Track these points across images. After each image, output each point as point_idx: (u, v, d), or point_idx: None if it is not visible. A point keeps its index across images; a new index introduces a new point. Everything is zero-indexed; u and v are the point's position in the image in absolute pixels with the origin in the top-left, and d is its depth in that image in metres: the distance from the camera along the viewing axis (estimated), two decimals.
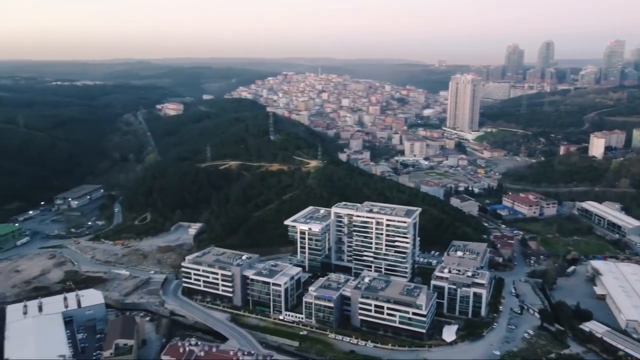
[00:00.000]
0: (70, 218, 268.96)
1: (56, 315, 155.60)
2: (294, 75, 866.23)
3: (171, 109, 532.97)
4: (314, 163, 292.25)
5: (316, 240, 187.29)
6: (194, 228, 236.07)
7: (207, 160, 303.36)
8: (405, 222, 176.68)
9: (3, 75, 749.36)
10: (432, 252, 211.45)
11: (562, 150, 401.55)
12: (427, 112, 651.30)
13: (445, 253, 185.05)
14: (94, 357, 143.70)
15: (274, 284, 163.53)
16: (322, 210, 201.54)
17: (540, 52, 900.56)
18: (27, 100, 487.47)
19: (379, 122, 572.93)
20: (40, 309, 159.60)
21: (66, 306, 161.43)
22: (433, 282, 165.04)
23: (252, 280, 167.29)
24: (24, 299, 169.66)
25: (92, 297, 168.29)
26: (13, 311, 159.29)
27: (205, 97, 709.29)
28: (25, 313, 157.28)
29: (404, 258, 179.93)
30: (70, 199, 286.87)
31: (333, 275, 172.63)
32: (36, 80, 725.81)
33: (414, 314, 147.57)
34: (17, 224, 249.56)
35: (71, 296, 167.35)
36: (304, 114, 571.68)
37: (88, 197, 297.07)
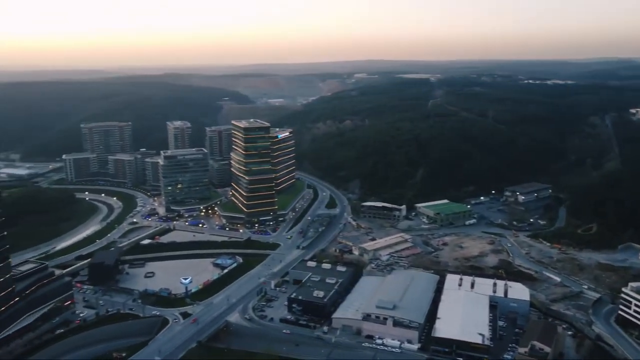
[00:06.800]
0: (514, 211, 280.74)
1: (484, 297, 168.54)
2: None
3: None
4: None
5: None
6: None
7: None
8: None
9: (484, 73, 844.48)
10: None
11: None
12: None
13: None
14: (509, 348, 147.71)
15: None
16: None
17: None
18: (499, 96, 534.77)
19: None
20: (472, 285, 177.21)
21: (494, 291, 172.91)
22: None
23: None
24: (461, 273, 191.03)
25: (519, 292, 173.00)
26: (451, 280, 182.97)
27: None
28: (459, 285, 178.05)
29: None
30: (518, 193, 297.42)
31: None
32: (510, 78, 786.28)
33: None
34: (469, 206, 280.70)
35: (500, 284, 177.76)
36: None
37: (535, 194, 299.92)
